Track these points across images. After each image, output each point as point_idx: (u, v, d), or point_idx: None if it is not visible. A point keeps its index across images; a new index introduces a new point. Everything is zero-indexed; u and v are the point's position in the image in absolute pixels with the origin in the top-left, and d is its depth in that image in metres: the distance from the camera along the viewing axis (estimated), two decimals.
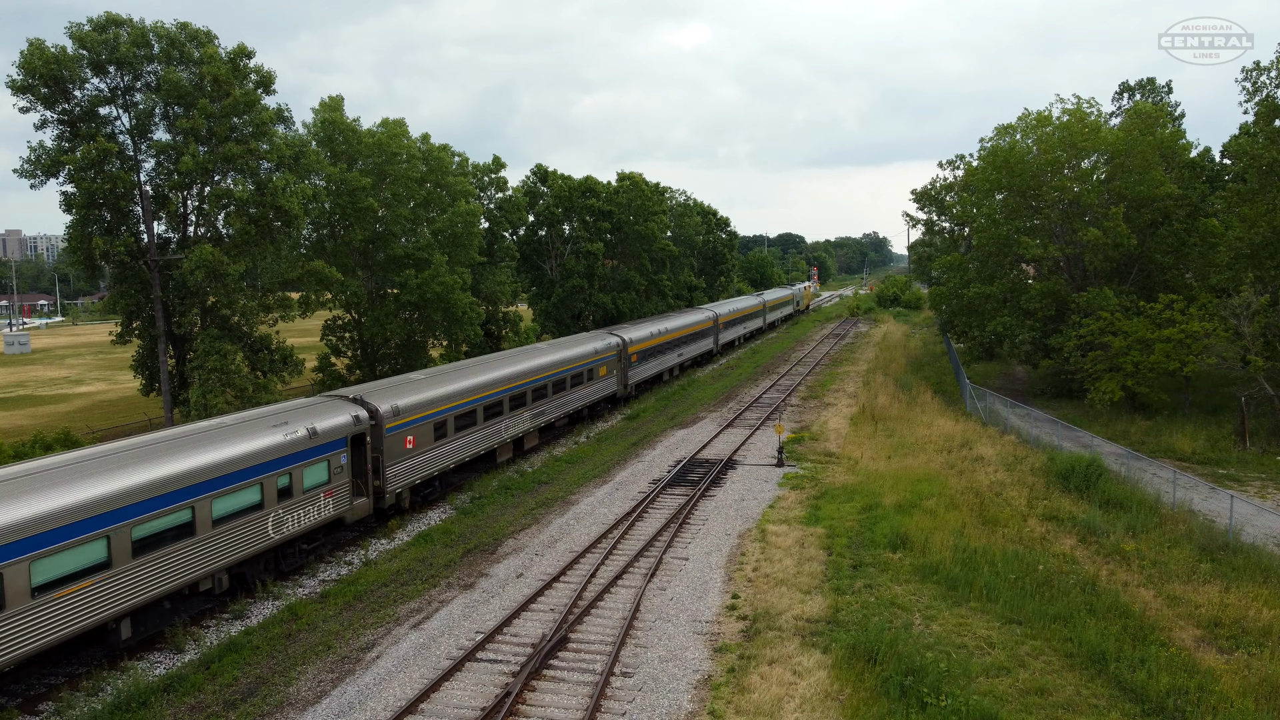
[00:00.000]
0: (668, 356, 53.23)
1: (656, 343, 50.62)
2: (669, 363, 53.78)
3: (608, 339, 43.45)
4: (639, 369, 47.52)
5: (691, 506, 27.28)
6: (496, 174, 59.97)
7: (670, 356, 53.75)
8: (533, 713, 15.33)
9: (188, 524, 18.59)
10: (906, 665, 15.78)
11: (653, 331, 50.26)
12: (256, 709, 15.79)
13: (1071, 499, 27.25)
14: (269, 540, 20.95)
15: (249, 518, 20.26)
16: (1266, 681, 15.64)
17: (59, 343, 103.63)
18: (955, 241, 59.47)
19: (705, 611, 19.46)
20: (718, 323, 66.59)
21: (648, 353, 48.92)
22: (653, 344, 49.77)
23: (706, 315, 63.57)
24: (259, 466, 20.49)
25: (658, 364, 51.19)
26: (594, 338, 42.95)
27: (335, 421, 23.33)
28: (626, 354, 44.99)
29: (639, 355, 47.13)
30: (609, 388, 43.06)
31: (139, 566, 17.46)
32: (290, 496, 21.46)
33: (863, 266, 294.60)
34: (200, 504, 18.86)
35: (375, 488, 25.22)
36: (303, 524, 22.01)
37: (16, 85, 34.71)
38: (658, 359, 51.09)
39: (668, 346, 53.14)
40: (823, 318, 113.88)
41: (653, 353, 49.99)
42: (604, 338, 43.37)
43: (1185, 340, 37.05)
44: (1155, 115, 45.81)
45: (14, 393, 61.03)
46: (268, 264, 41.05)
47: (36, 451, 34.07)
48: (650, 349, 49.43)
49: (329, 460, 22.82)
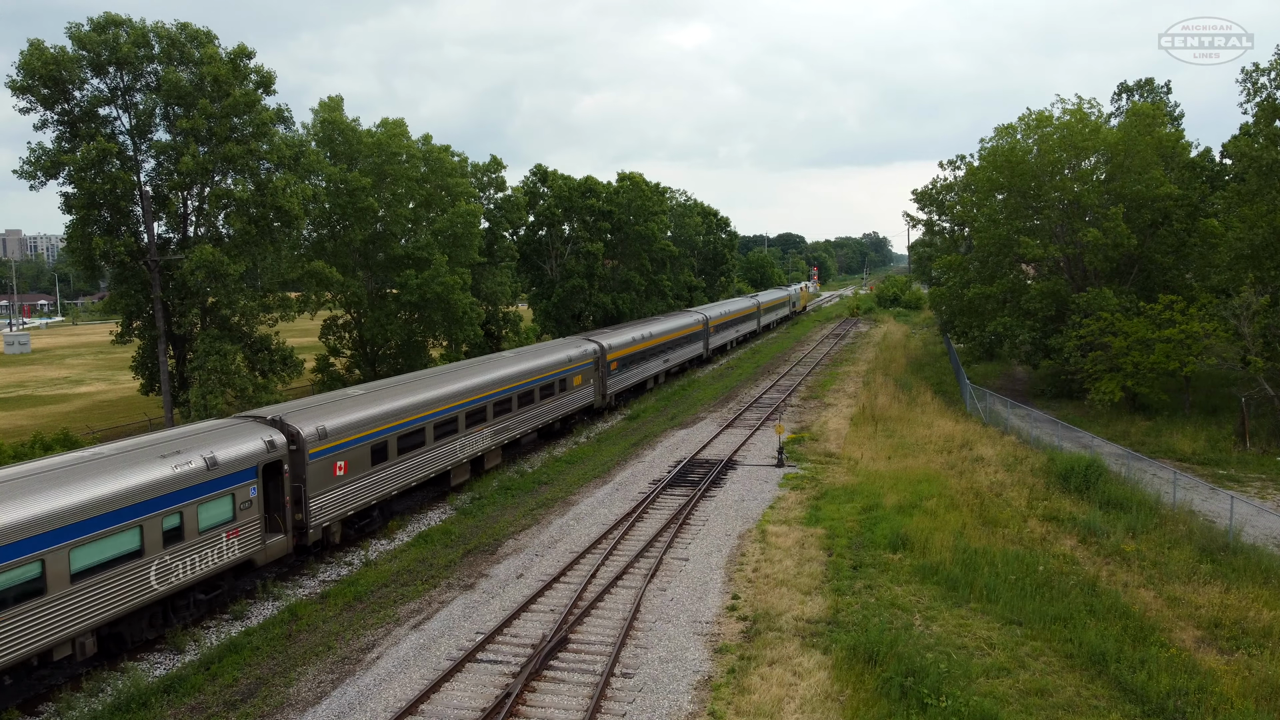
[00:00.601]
0: (651, 363, 50.10)
1: (639, 349, 47.47)
2: (652, 370, 50.62)
3: (583, 346, 40.37)
4: (619, 377, 44.52)
5: (692, 507, 27.27)
6: (496, 174, 60.03)
7: (654, 363, 50.74)
8: (533, 713, 15.33)
9: (34, 579, 15.48)
10: (907, 666, 15.78)
11: (634, 337, 47.13)
12: (257, 709, 15.79)
13: (1072, 499, 27.24)
14: (151, 593, 17.76)
15: (123, 568, 17.11)
16: (1267, 682, 15.63)
17: (59, 343, 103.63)
18: (955, 242, 59.44)
19: (705, 612, 19.45)
20: (708, 326, 63.11)
21: (629, 360, 45.90)
22: (634, 350, 46.66)
23: (695, 319, 60.30)
24: (138, 506, 17.37)
25: (640, 372, 48.25)
26: (568, 344, 40.09)
27: (242, 449, 20.21)
28: (605, 361, 41.86)
29: (619, 363, 44.03)
30: (584, 398, 40.04)
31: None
32: (181, 539, 18.35)
33: (863, 266, 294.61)
34: (53, 555, 15.73)
35: (296, 522, 22.08)
36: (197, 570, 18.82)
37: (16, 86, 34.69)
38: (640, 366, 48.11)
39: (651, 353, 49.97)
40: (823, 318, 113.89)
41: (634, 360, 46.89)
42: (579, 344, 40.43)
43: (1185, 341, 37.05)
44: (1154, 115, 45.81)
45: (14, 393, 61.03)
46: (268, 264, 41.07)
47: (37, 452, 34.05)
48: (631, 356, 46.38)
49: (234, 494, 19.74)
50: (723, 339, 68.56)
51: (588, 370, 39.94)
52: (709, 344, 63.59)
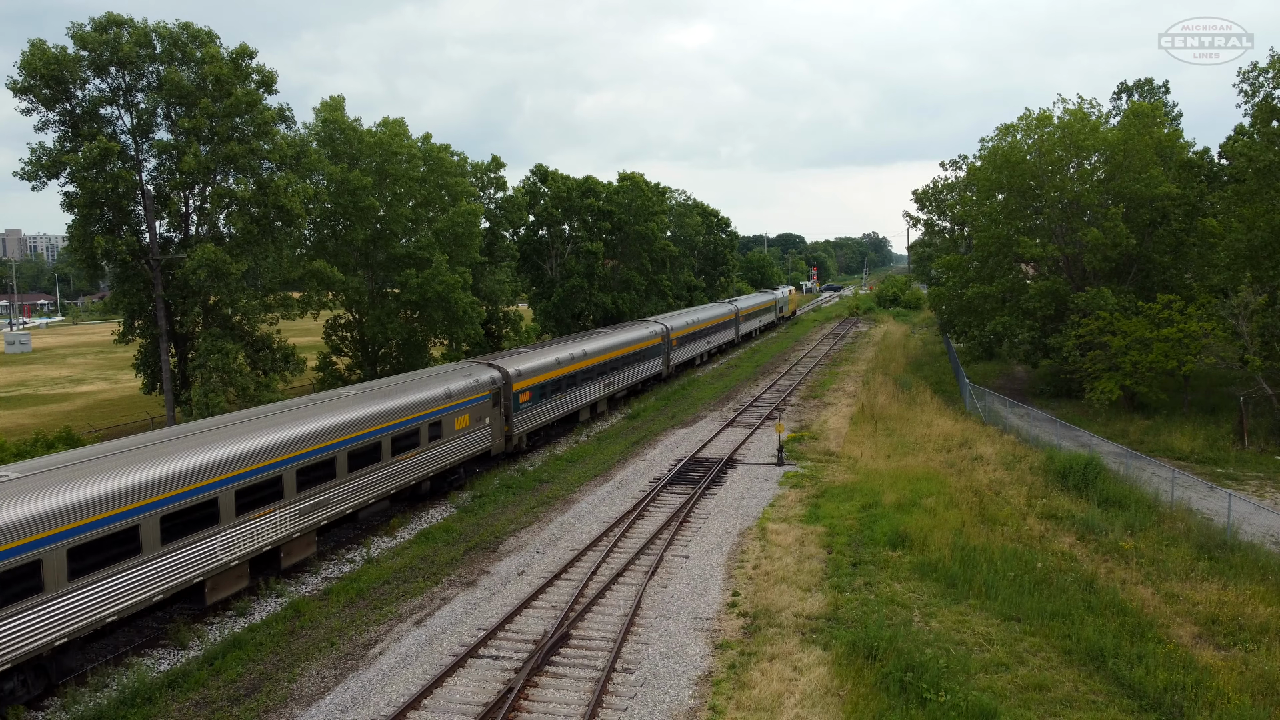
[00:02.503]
0: (585, 389, 40.66)
1: (563, 373, 37.85)
2: (588, 396, 41.09)
3: (480, 374, 31.25)
4: (532, 412, 34.92)
5: (692, 505, 27.39)
6: (496, 173, 60.15)
7: (588, 389, 41.04)
8: (535, 709, 15.44)
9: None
10: (906, 662, 15.89)
11: (557, 359, 37.39)
12: (260, 705, 15.90)
13: (1070, 498, 27.35)
14: None
15: None
16: (1263, 677, 15.75)
17: (59, 342, 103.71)
18: (955, 241, 59.57)
19: (706, 609, 19.57)
20: (668, 339, 53.78)
21: (548, 387, 36.41)
22: (557, 375, 37.18)
23: (652, 330, 51.23)
24: None
25: (567, 400, 38.64)
26: (457, 373, 30.75)
27: None
28: (509, 392, 32.87)
29: (532, 392, 34.73)
30: (475, 444, 30.43)
31: None
32: None
33: (862, 267, 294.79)
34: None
35: None
36: None
37: (18, 86, 34.76)
38: (566, 395, 38.49)
39: (584, 376, 40.33)
40: (822, 318, 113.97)
41: (557, 386, 37.37)
42: (474, 371, 31.37)
43: (1183, 340, 37.17)
44: (1153, 115, 45.94)
45: (15, 392, 61.13)
46: (269, 263, 41.16)
47: (39, 451, 34.13)
48: (554, 382, 36.94)
49: None
50: (689, 352, 59.37)
51: (482, 406, 30.78)
52: (671, 359, 54.88)
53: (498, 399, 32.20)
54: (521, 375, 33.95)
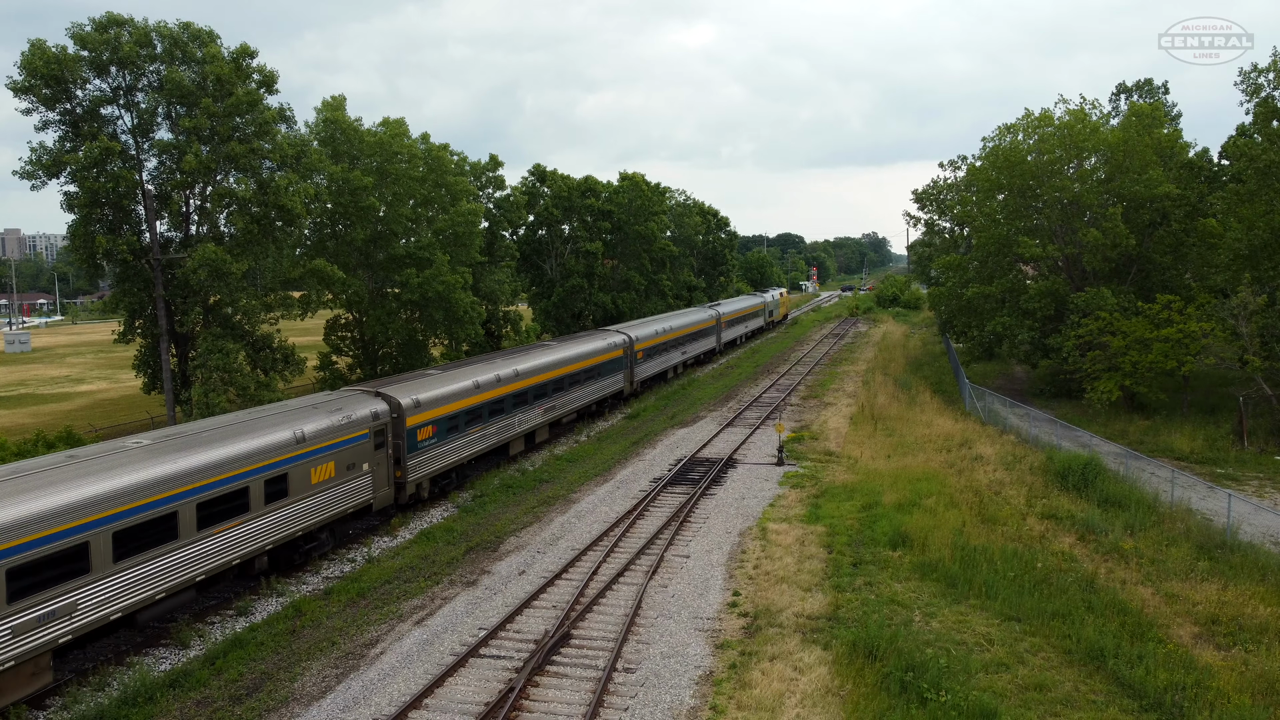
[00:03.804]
0: (517, 416, 33.33)
1: (484, 399, 30.63)
2: (521, 425, 33.74)
3: (355, 408, 24.68)
4: (436, 450, 27.93)
5: (692, 505, 27.41)
6: (494, 173, 60.12)
7: (522, 416, 33.77)
8: (536, 708, 15.46)
9: None
10: (907, 661, 15.92)
11: (476, 382, 30.33)
12: (262, 704, 15.92)
13: (1070, 498, 27.39)
14: None
15: None
16: (1263, 677, 15.78)
17: (59, 341, 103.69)
18: (955, 242, 59.60)
19: (707, 609, 19.59)
20: (631, 352, 47.16)
21: (462, 418, 29.34)
22: (474, 402, 30.01)
23: (611, 342, 44.62)
24: None
25: (491, 432, 31.40)
26: (322, 408, 24.02)
27: None
28: (402, 428, 26.14)
29: (437, 426, 27.88)
30: (347, 498, 23.86)
31: None
32: None
33: (862, 267, 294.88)
34: None
35: None
36: None
37: (18, 86, 34.74)
38: (489, 425, 31.24)
39: (517, 400, 33.30)
40: (821, 318, 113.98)
41: (475, 416, 30.22)
42: (348, 405, 24.74)
43: (1183, 340, 37.20)
44: (1153, 115, 45.98)
45: (15, 391, 61.13)
46: (270, 263, 41.16)
47: (40, 450, 34.13)
48: (469, 411, 29.72)
49: None
50: (660, 365, 52.66)
51: (355, 449, 24.09)
52: (635, 374, 47.87)
53: (382, 438, 25.45)
54: (421, 406, 27.17)
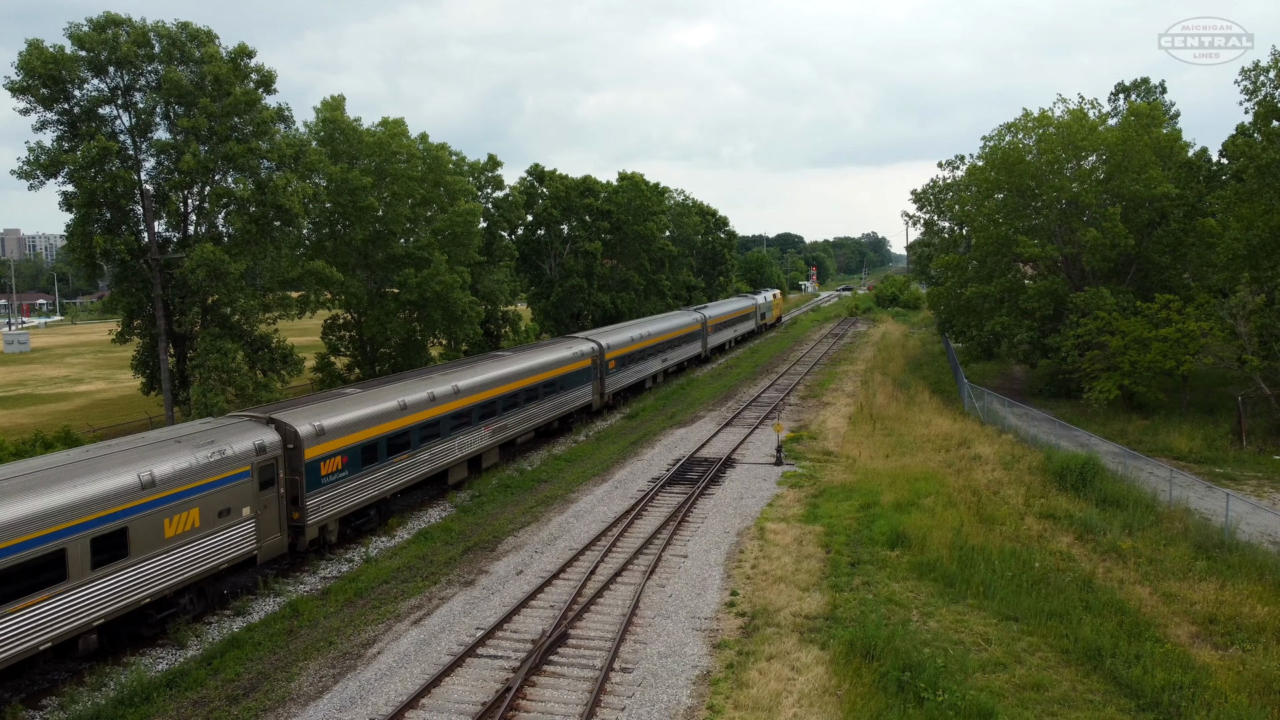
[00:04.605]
0: (456, 440, 28.79)
1: (411, 422, 26.05)
2: (463, 449, 29.22)
3: (233, 441, 20.26)
4: (349, 485, 23.61)
5: (690, 504, 27.39)
6: (493, 173, 60.09)
7: (462, 439, 29.17)
8: (533, 708, 15.44)
9: None
10: (904, 661, 15.90)
11: (402, 402, 25.78)
12: (259, 704, 15.91)
13: (1068, 497, 27.37)
14: None
15: None
16: (1260, 677, 15.77)
17: (58, 342, 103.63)
18: (954, 241, 59.60)
19: (704, 608, 19.57)
20: (601, 361, 42.15)
21: (384, 445, 24.87)
22: (397, 426, 25.40)
23: (579, 350, 39.43)
24: None
25: (421, 459, 26.83)
26: (189, 441, 19.64)
27: None
28: (300, 462, 21.81)
29: (348, 456, 23.42)
30: (221, 551, 19.66)
31: None
32: None
33: (861, 267, 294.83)
34: None
35: None
36: None
37: (15, 86, 34.73)
38: (419, 452, 26.62)
39: (456, 420, 28.62)
40: (821, 318, 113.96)
41: (401, 443, 25.67)
42: (224, 437, 20.27)
43: (1182, 340, 37.19)
44: (1152, 115, 45.97)
45: (14, 391, 61.09)
46: (268, 263, 41.14)
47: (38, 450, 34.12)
48: (392, 436, 25.18)
49: None
50: (637, 374, 48.05)
51: (232, 492, 19.87)
52: (605, 386, 43.36)
53: (271, 475, 21.01)
54: (326, 434, 22.65)
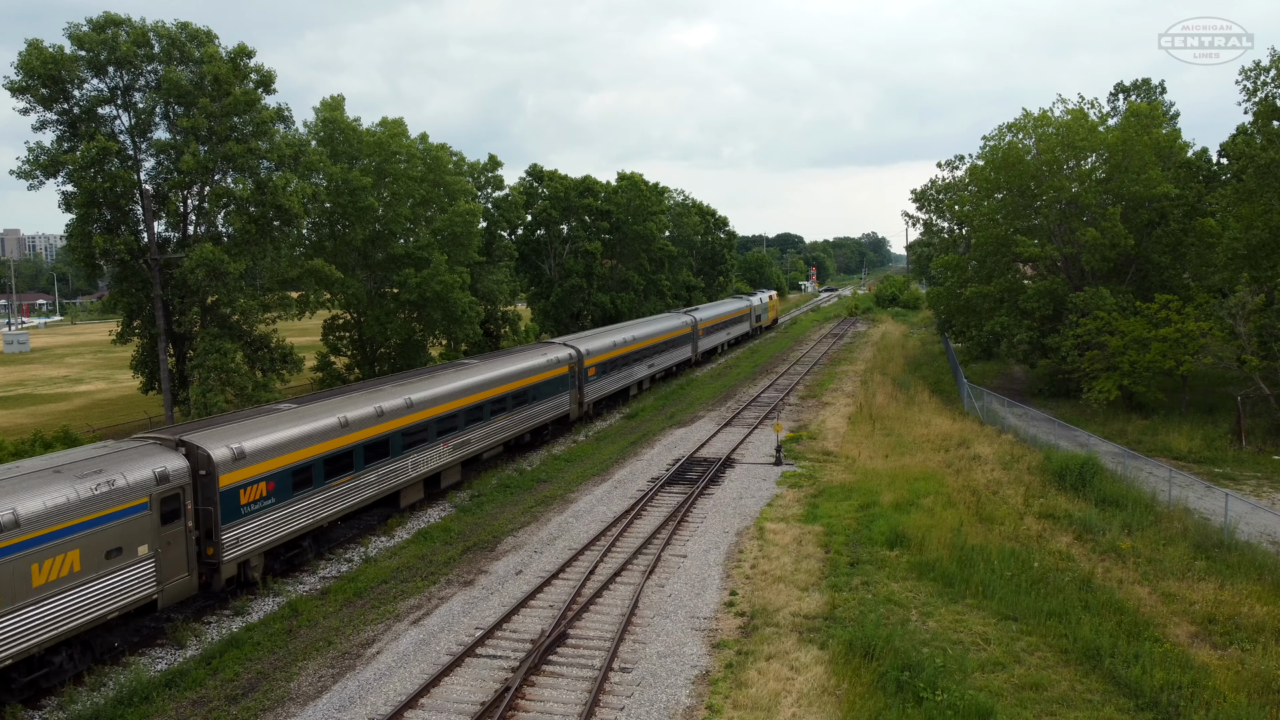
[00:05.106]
0: (415, 456, 26.15)
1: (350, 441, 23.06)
2: (423, 466, 26.64)
3: (146, 464, 18.09)
4: (275, 515, 20.95)
5: (690, 504, 27.39)
6: (493, 173, 60.11)
7: (418, 456, 26.38)
8: (532, 708, 15.44)
9: None
10: (903, 661, 15.90)
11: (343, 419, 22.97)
12: (258, 704, 15.91)
13: (1068, 497, 27.37)
14: None
15: None
16: (1259, 676, 15.76)
17: (58, 342, 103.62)
18: (954, 241, 59.59)
19: (704, 608, 19.57)
20: (580, 368, 38.76)
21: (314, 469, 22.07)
22: (333, 448, 22.48)
23: (555, 357, 36.11)
24: None
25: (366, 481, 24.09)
26: (102, 463, 17.50)
27: None
28: (214, 489, 19.19)
29: (275, 483, 20.90)
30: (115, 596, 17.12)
31: None
32: None
33: (861, 267, 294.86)
34: None
35: None
36: None
37: (15, 86, 34.74)
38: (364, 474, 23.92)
39: (407, 438, 25.65)
40: (820, 318, 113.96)
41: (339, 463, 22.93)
42: (138, 459, 18.14)
43: (1181, 340, 37.19)
44: (1152, 115, 45.97)
45: (14, 391, 61.09)
46: (267, 263, 41.15)
47: (37, 450, 34.09)
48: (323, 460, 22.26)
49: None
50: (620, 381, 44.50)
51: (125, 528, 17.26)
52: (585, 395, 39.60)
53: (175, 507, 18.51)
54: (246, 457, 19.94)
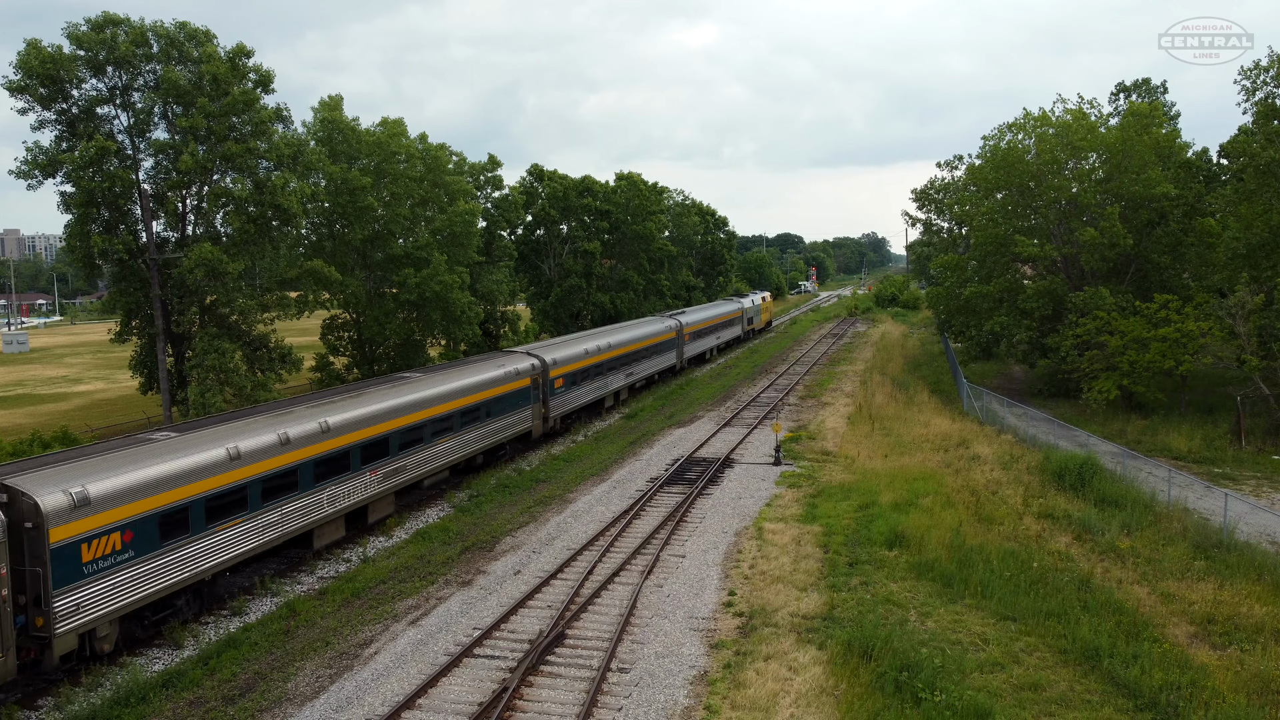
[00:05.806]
0: (332, 489, 22.76)
1: (243, 477, 19.75)
2: (343, 500, 23.22)
3: None
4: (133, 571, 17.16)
5: (689, 504, 27.36)
6: (492, 173, 60.08)
7: (335, 489, 22.90)
8: (530, 708, 15.41)
9: None
10: (902, 661, 15.86)
11: (233, 452, 19.56)
12: (255, 704, 15.87)
13: (1067, 497, 27.34)
14: None
15: None
16: (1259, 677, 15.74)
17: (57, 342, 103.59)
18: (953, 241, 59.56)
19: (702, 608, 19.54)
20: (545, 380, 35.54)
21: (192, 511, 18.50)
22: (220, 485, 19.16)
23: (515, 369, 33.05)
24: None
25: (266, 522, 20.65)
26: None
27: None
28: (41, 546, 15.40)
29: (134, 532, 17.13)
30: None
31: None
32: None
33: (861, 267, 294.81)
34: None
35: None
36: None
37: (14, 86, 34.74)
38: (260, 515, 20.41)
39: (320, 469, 22.31)
40: (820, 318, 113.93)
41: (227, 502, 19.44)
42: None
43: (1181, 340, 37.17)
44: (1152, 115, 45.93)
45: (13, 391, 61.05)
46: (266, 263, 41.14)
47: (35, 450, 34.09)
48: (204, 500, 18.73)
49: None
50: (594, 392, 41.45)
51: None
52: (550, 411, 36.46)
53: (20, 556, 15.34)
54: (93, 504, 16.23)
